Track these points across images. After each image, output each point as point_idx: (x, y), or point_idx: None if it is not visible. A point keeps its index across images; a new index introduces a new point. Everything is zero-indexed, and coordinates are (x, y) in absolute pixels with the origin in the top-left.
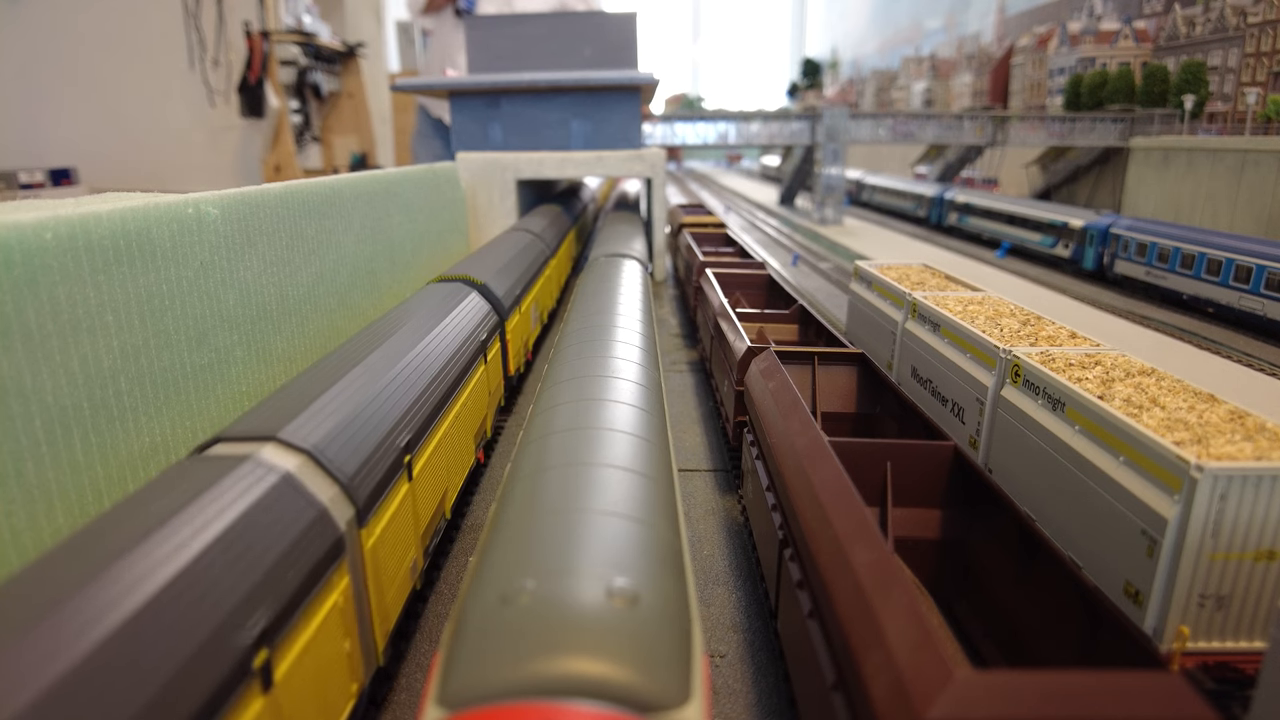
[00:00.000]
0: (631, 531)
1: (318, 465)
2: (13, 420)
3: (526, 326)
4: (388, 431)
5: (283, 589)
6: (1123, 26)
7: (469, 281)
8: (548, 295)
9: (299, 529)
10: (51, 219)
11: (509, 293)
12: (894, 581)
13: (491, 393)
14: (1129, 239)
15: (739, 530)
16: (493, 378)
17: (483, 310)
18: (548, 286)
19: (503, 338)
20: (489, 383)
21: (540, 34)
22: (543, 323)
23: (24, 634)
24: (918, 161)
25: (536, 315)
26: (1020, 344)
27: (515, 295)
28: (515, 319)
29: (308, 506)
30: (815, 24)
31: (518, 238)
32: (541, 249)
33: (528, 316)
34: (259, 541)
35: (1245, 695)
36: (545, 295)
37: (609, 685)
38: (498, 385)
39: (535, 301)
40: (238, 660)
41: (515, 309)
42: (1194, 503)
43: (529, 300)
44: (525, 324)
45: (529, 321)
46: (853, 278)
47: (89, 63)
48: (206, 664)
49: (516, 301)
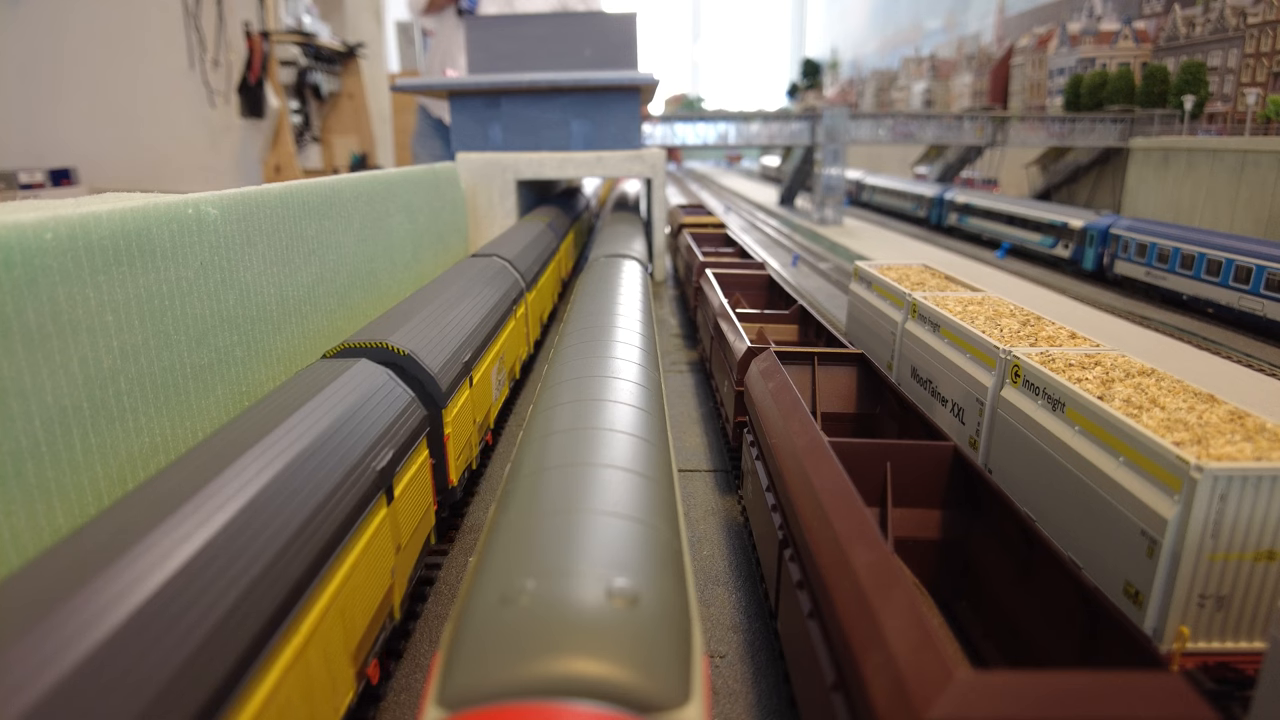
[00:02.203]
0: (632, 532)
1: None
2: (13, 420)
3: (486, 400)
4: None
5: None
6: (1123, 27)
7: (386, 356)
8: (518, 346)
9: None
10: (51, 219)
11: (446, 372)
12: (894, 582)
13: (409, 539)
14: (1129, 239)
15: (739, 530)
16: (405, 519)
17: (401, 402)
18: (514, 342)
19: (437, 437)
20: (395, 532)
21: (540, 34)
22: (514, 378)
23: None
24: (917, 162)
25: (499, 382)
26: (1020, 344)
27: (454, 376)
28: (460, 401)
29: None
30: (815, 24)
31: (474, 294)
32: (500, 302)
33: (486, 386)
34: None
35: (1245, 695)
36: (515, 347)
37: (609, 685)
38: (422, 520)
39: (499, 360)
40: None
41: (455, 396)
42: (1194, 503)
43: (482, 369)
44: (483, 400)
45: (487, 393)
46: (852, 278)
47: (89, 63)
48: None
49: (456, 384)
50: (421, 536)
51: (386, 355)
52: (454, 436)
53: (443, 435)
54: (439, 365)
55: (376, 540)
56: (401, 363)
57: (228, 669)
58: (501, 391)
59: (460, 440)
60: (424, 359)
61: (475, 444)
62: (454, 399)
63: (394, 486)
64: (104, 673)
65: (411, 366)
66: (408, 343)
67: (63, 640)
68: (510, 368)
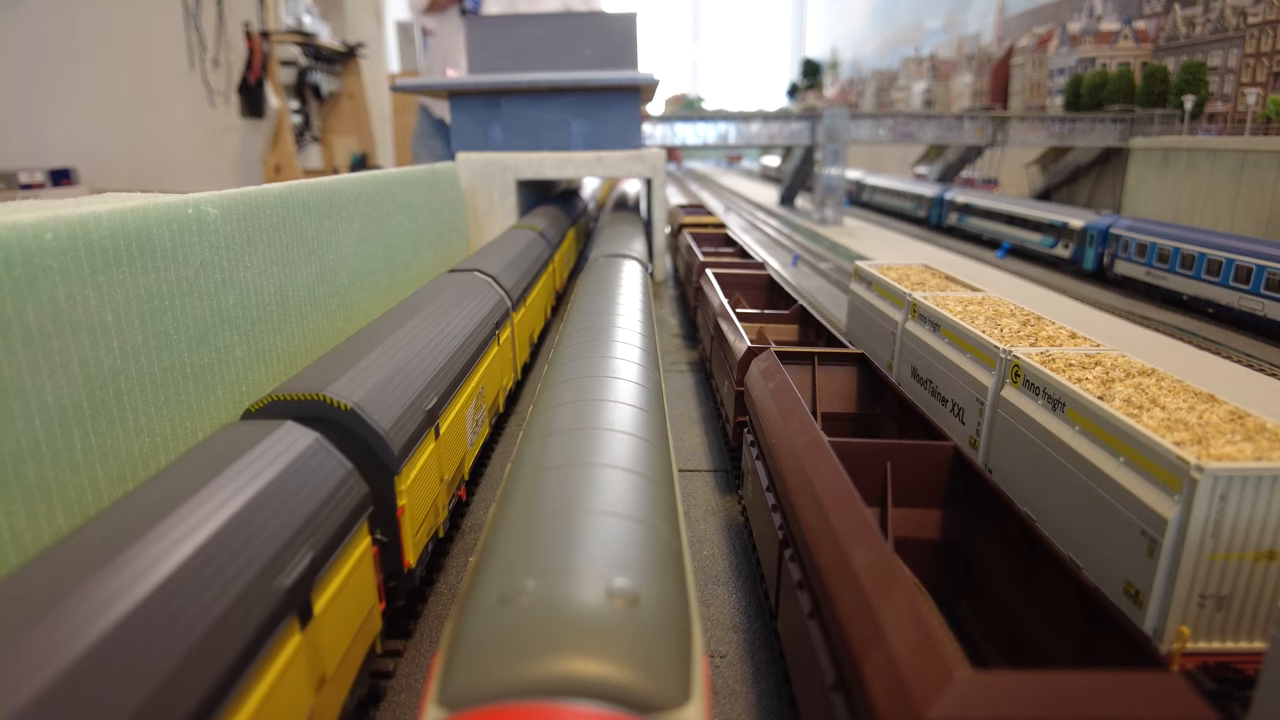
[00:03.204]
0: (632, 532)
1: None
2: (13, 420)
3: (459, 448)
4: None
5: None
6: (1123, 27)
7: (320, 413)
8: (501, 375)
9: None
10: (51, 219)
11: (402, 427)
12: (894, 581)
13: (337, 666)
14: (1129, 239)
15: (739, 530)
16: (332, 641)
17: (333, 477)
18: (497, 371)
19: (388, 512)
20: (315, 663)
21: (540, 34)
22: (497, 412)
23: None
24: (918, 162)
25: (477, 422)
26: (1020, 344)
27: (414, 429)
28: (422, 460)
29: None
30: (815, 24)
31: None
32: (467, 344)
33: (459, 432)
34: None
35: (1245, 695)
36: (498, 377)
37: (609, 685)
38: (360, 631)
39: (477, 397)
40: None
41: (414, 456)
42: (1194, 503)
43: (454, 413)
44: (454, 451)
45: (460, 440)
46: (853, 278)
47: (89, 63)
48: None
49: (417, 439)
50: (361, 650)
51: (321, 411)
52: (412, 507)
53: (395, 509)
54: (392, 419)
55: (284, 684)
56: (342, 420)
57: None
58: (480, 432)
59: (421, 509)
60: (371, 413)
61: (444, 506)
62: (413, 459)
63: (312, 602)
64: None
65: (355, 424)
66: (351, 393)
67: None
68: (493, 400)
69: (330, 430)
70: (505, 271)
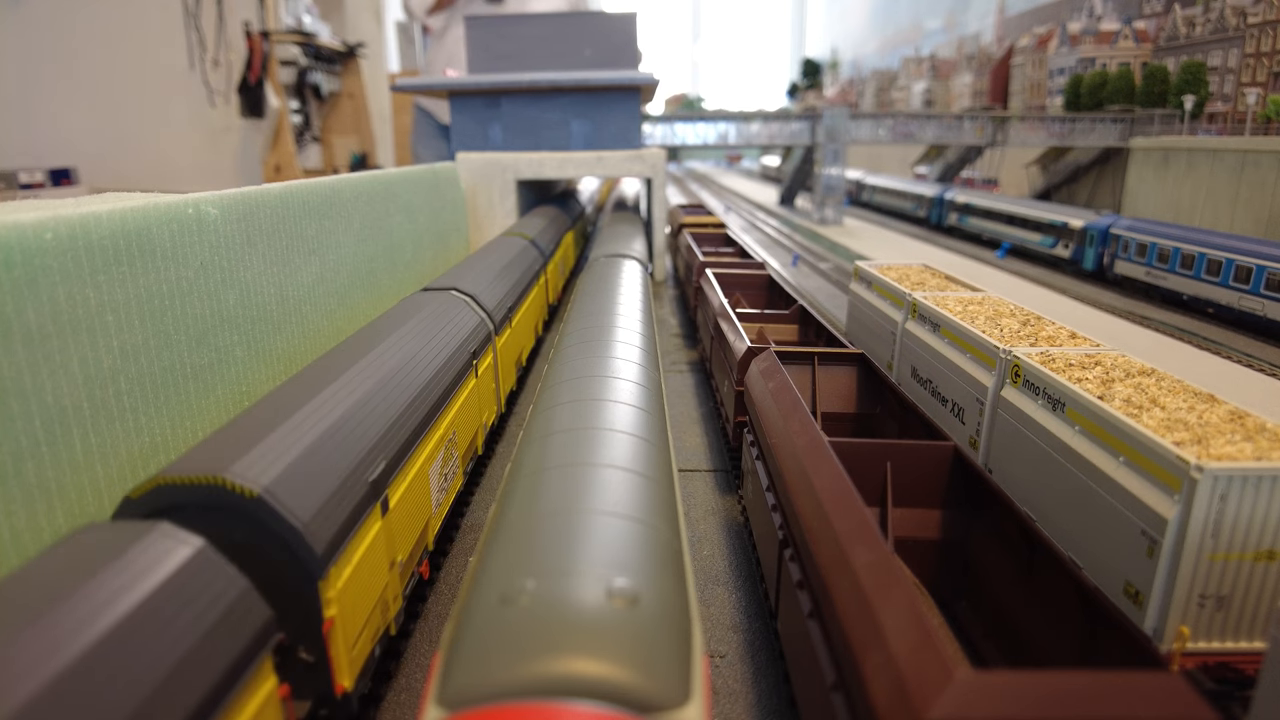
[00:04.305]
0: (632, 532)
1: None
2: (13, 420)
3: (420, 515)
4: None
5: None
6: (1123, 27)
7: (218, 502)
8: (481, 411)
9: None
10: (51, 219)
11: (332, 514)
12: (894, 581)
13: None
14: (1129, 239)
15: (739, 530)
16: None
17: (222, 602)
18: (474, 409)
19: (310, 627)
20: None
21: (540, 34)
22: (475, 454)
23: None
24: (918, 162)
25: (446, 475)
26: (1020, 344)
27: (350, 511)
28: (361, 550)
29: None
30: (815, 24)
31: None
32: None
33: (419, 495)
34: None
35: (1245, 695)
36: (476, 414)
37: (609, 685)
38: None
39: (447, 445)
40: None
41: (349, 547)
42: (1194, 503)
43: (412, 475)
44: (411, 522)
45: (421, 505)
46: (853, 278)
47: (89, 63)
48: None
49: (354, 523)
50: None
51: (221, 500)
52: (346, 616)
53: (322, 622)
54: (316, 504)
55: None
56: (247, 512)
57: None
58: (451, 485)
59: (359, 613)
60: (285, 501)
61: (398, 596)
62: (347, 552)
63: None
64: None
65: (264, 516)
66: (260, 473)
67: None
68: (469, 443)
69: (232, 526)
70: (488, 289)
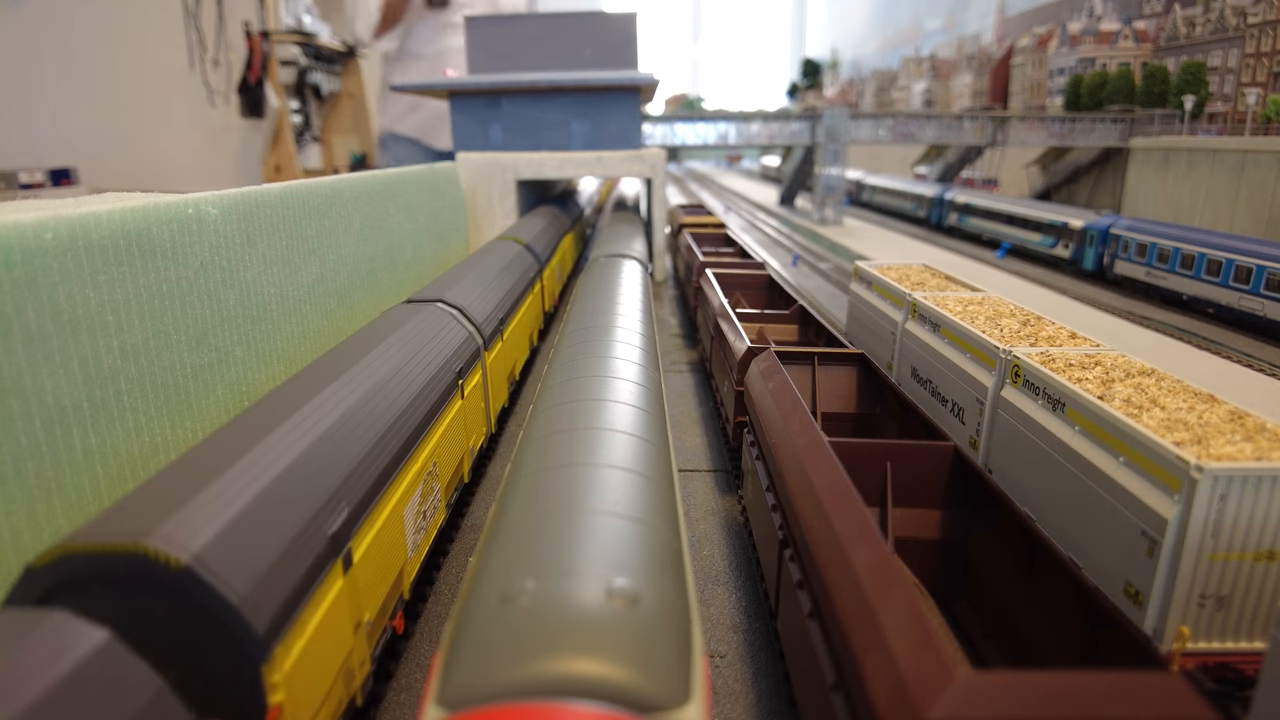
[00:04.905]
0: (631, 532)
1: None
2: (13, 420)
3: (394, 562)
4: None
5: None
6: (1123, 27)
7: (136, 572)
8: (468, 434)
9: None
10: (51, 219)
11: (274, 586)
12: (894, 582)
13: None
14: (1129, 239)
15: (739, 530)
16: None
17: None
18: (458, 434)
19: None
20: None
21: (540, 34)
22: (460, 483)
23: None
24: (918, 162)
25: (425, 514)
26: (1020, 344)
27: (300, 578)
28: (314, 621)
29: None
30: (815, 24)
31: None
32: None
33: (392, 541)
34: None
35: (1245, 695)
36: (461, 439)
37: (609, 685)
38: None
39: (425, 480)
40: None
41: (299, 619)
42: (1194, 503)
43: (381, 521)
44: (382, 572)
45: (396, 551)
46: (853, 278)
47: (89, 63)
48: None
49: (305, 592)
50: None
51: (141, 570)
52: (297, 700)
53: (265, 712)
54: (257, 574)
55: None
56: (171, 582)
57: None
58: (433, 520)
59: (315, 693)
60: (219, 571)
61: (366, 659)
62: (298, 625)
63: None
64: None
65: (194, 591)
66: (190, 537)
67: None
68: (454, 472)
69: (154, 603)
70: (478, 300)
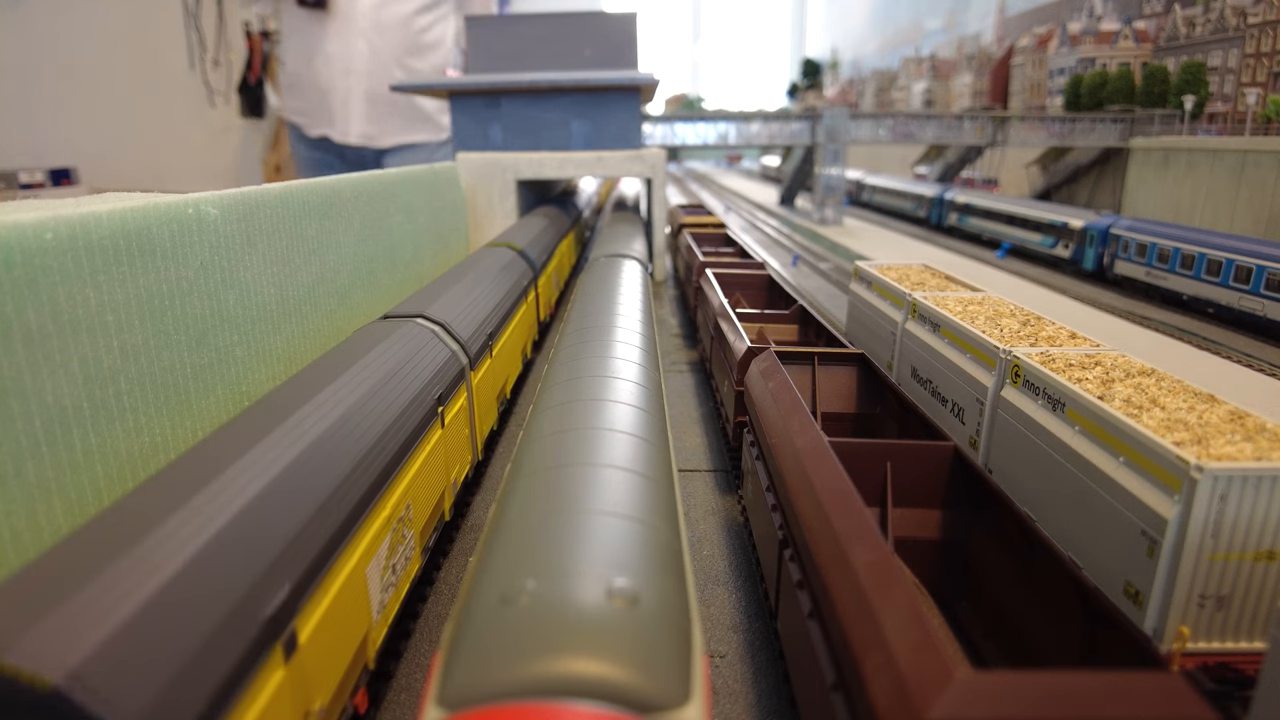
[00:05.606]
0: (631, 532)
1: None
2: (13, 420)
3: (359, 628)
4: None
5: None
6: (1123, 27)
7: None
8: (451, 465)
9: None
10: (51, 219)
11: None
12: (894, 582)
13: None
14: (1129, 239)
15: (739, 530)
16: None
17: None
18: (438, 466)
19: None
20: None
21: (540, 34)
22: (442, 522)
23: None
24: (918, 162)
25: (396, 568)
26: (1020, 344)
27: (226, 677)
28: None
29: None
30: (815, 24)
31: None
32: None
33: (353, 608)
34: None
35: (1245, 695)
36: (443, 472)
37: (609, 685)
38: None
39: (395, 528)
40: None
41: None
42: (1194, 503)
43: (336, 587)
44: (341, 646)
45: (359, 619)
46: (853, 278)
47: (89, 63)
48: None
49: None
50: None
51: (12, 694)
52: None
53: None
54: (157, 687)
55: None
56: (38, 709)
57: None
58: (406, 570)
59: None
60: (102, 691)
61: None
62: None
63: None
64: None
65: (66, 717)
66: (67, 646)
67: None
68: (436, 507)
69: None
70: (464, 315)
